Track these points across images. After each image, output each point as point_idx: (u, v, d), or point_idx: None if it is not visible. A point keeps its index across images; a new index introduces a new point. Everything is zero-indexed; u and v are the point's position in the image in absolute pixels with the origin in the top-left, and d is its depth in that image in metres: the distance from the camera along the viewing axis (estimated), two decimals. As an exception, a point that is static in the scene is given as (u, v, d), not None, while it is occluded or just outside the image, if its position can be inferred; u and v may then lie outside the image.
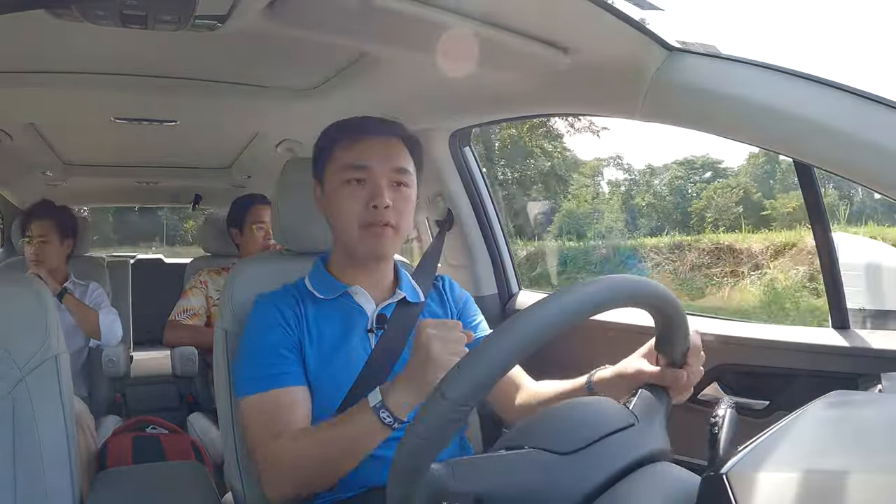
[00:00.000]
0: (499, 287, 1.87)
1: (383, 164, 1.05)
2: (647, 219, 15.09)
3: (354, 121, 1.10)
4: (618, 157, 16.90)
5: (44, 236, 2.18)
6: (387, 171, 1.05)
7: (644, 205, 15.78)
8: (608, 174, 16.57)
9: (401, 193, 1.06)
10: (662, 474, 0.64)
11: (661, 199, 15.89)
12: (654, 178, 16.30)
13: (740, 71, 1.01)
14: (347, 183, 1.04)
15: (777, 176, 14.42)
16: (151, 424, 1.88)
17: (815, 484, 0.51)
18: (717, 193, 14.45)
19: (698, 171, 15.51)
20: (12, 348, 1.03)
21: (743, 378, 1.27)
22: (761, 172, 15.01)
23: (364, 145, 1.05)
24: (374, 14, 0.97)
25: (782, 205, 13.04)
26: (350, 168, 1.05)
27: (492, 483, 0.60)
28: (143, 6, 0.93)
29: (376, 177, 1.04)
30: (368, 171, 1.04)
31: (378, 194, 1.03)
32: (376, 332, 1.07)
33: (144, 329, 3.11)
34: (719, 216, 13.72)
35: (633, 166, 17.05)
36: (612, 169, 16.73)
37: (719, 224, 13.35)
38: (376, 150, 1.05)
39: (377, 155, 1.05)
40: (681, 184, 15.65)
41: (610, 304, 0.65)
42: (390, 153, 1.06)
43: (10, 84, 1.44)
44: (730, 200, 14.09)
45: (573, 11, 0.98)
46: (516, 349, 0.58)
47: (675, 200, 15.32)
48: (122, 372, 2.15)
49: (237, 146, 2.47)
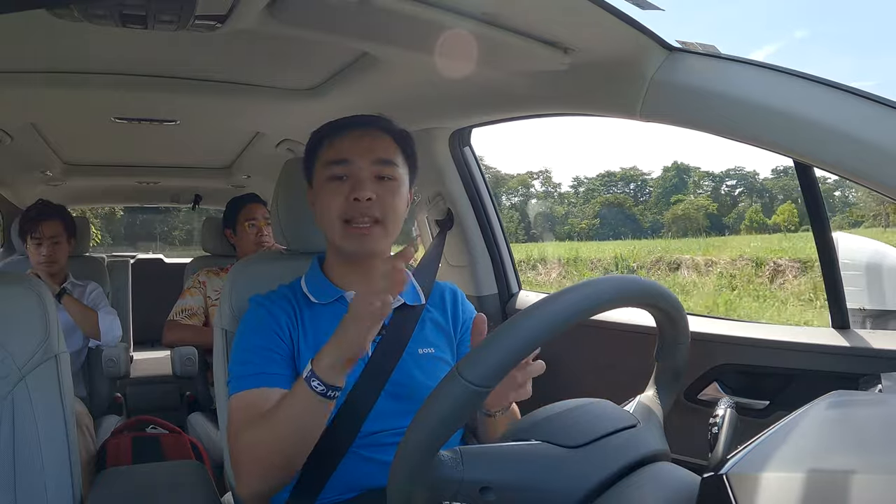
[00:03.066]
0: (499, 287, 1.87)
1: (364, 157, 1.02)
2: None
3: (340, 120, 1.08)
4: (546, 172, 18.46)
5: (56, 237, 2.17)
6: (368, 164, 1.02)
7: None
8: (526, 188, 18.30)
9: (386, 186, 1.02)
10: (663, 474, 0.64)
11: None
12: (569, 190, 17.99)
13: (740, 71, 1.01)
14: (330, 180, 1.02)
15: (683, 188, 15.65)
16: (151, 424, 1.89)
17: (815, 484, 0.51)
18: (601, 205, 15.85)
19: (617, 184, 16.55)
20: (12, 348, 1.03)
21: (743, 378, 1.27)
22: (670, 185, 16.36)
23: (346, 140, 1.03)
24: (374, 14, 0.97)
25: (672, 213, 14.21)
26: (332, 164, 1.03)
27: (499, 472, 0.60)
28: (143, 6, 0.94)
29: (357, 171, 1.01)
30: (350, 166, 1.02)
31: (358, 187, 1.00)
32: (374, 338, 1.05)
33: (144, 329, 3.12)
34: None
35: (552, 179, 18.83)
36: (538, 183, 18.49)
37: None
38: (357, 143, 1.03)
39: (358, 148, 1.02)
40: (594, 195, 16.93)
41: (628, 301, 0.66)
42: (372, 146, 1.03)
43: (10, 84, 1.44)
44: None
45: (573, 11, 0.98)
46: (537, 332, 0.58)
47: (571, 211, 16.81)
48: (122, 372, 2.15)
49: (237, 146, 2.47)
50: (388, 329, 1.05)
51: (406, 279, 0.85)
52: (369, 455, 0.99)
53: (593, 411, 0.69)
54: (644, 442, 0.67)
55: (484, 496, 0.60)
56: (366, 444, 0.99)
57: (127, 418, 2.23)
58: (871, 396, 0.79)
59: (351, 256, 1.05)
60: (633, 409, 0.73)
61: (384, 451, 0.98)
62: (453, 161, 1.81)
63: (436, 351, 1.08)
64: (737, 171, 28.75)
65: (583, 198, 19.99)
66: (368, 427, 0.99)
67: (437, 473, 0.58)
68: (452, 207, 1.82)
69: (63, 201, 2.40)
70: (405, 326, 1.06)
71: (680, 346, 0.78)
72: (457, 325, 1.14)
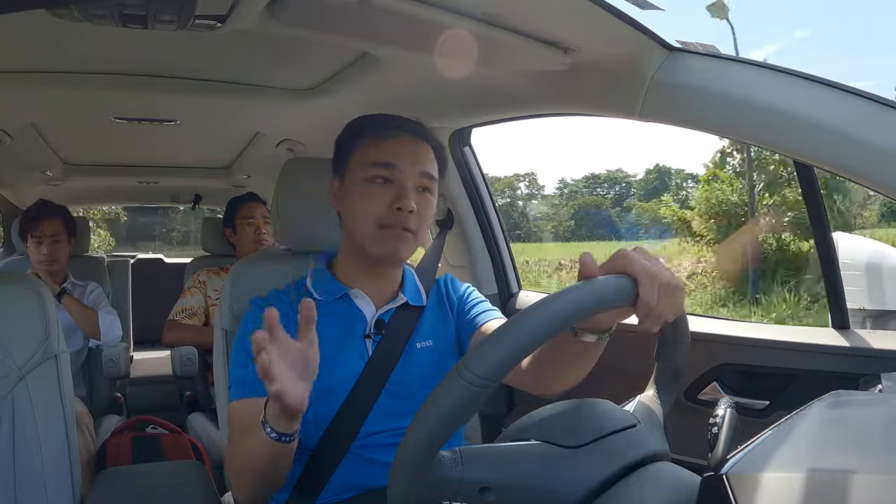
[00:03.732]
0: (499, 287, 1.87)
1: (412, 167, 0.99)
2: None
3: (383, 116, 1.06)
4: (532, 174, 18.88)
5: (56, 235, 2.17)
6: (415, 174, 1.00)
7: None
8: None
9: (425, 199, 1.01)
10: (663, 474, 0.64)
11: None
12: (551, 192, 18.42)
13: (740, 71, 1.01)
14: (371, 181, 0.99)
15: (665, 190, 15.94)
16: (151, 424, 1.89)
17: (814, 484, 0.51)
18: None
19: (602, 185, 16.73)
20: (12, 348, 1.03)
21: (743, 378, 1.27)
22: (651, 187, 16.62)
23: (393, 143, 1.00)
24: (375, 14, 0.97)
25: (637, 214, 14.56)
26: (376, 165, 0.99)
27: (499, 472, 0.61)
28: (143, 6, 0.93)
29: (404, 178, 0.99)
30: (396, 171, 0.99)
31: (404, 196, 0.97)
32: (374, 337, 1.04)
33: (144, 329, 3.12)
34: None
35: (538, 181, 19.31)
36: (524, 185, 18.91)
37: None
38: (406, 150, 1.00)
39: (406, 155, 1.00)
40: (576, 196, 17.24)
41: (628, 300, 0.65)
42: (420, 156, 1.01)
43: (10, 84, 1.44)
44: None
45: (573, 11, 0.98)
46: (539, 331, 0.57)
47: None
48: (122, 372, 2.15)
49: (237, 146, 2.47)
50: (388, 328, 1.05)
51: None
52: (369, 456, 0.99)
53: (593, 411, 0.69)
54: (644, 442, 0.67)
55: (484, 496, 0.60)
56: (366, 445, 0.99)
57: (127, 418, 2.23)
58: (871, 396, 0.79)
59: (378, 260, 1.03)
60: (633, 409, 0.73)
61: (384, 452, 0.98)
62: (453, 161, 1.81)
63: (433, 343, 1.07)
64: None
65: (566, 199, 20.29)
66: (368, 427, 1.00)
67: (437, 473, 0.58)
68: (452, 207, 1.82)
69: (63, 201, 2.40)
70: (405, 325, 1.06)
71: (680, 346, 0.78)
72: (452, 306, 1.13)
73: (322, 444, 1.00)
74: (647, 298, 0.63)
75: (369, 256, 1.02)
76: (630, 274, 0.64)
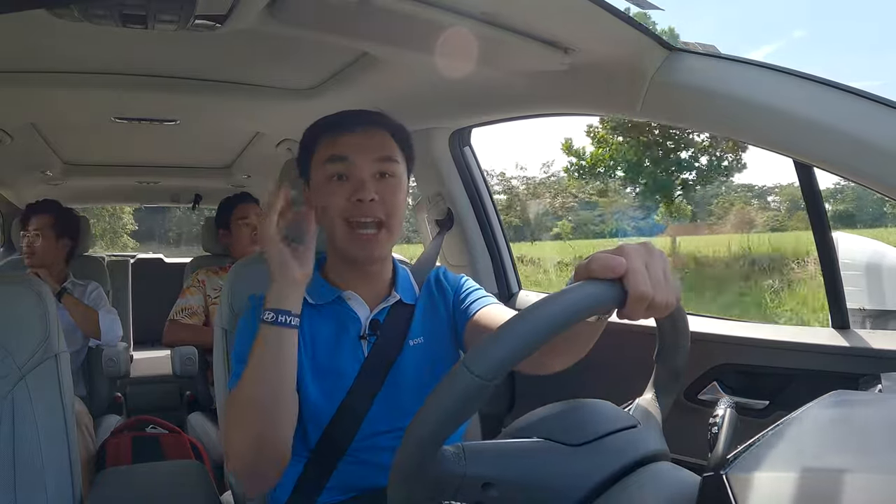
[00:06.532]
0: (499, 287, 1.87)
1: (365, 156, 1.00)
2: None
3: (334, 116, 1.06)
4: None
5: (38, 230, 2.19)
6: (369, 163, 1.00)
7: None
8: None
9: (387, 184, 1.01)
10: (663, 474, 0.64)
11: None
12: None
13: (740, 71, 1.01)
14: (330, 179, 1.00)
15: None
16: (151, 424, 1.89)
17: (814, 484, 0.51)
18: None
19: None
20: (12, 347, 1.04)
21: (743, 378, 1.27)
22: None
23: (346, 138, 1.01)
24: (374, 14, 0.97)
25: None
26: (330, 161, 1.00)
27: (502, 468, 0.60)
28: (143, 6, 0.94)
29: (358, 170, 0.99)
30: (350, 165, 0.99)
31: (360, 188, 0.98)
32: (369, 338, 1.03)
33: (144, 329, 3.12)
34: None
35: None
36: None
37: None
38: (357, 141, 1.01)
39: (358, 146, 1.00)
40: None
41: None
42: (372, 143, 1.01)
43: (10, 84, 1.44)
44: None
45: (573, 11, 0.98)
46: (544, 328, 0.56)
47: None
48: (122, 372, 2.15)
49: (237, 146, 2.47)
50: (383, 328, 1.05)
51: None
52: (367, 458, 0.99)
53: (594, 411, 0.69)
54: (644, 442, 0.67)
55: (486, 492, 0.60)
56: (365, 448, 0.99)
57: (127, 418, 2.23)
58: (871, 396, 0.79)
59: (357, 262, 1.03)
60: (633, 410, 0.73)
61: (383, 455, 0.98)
62: (453, 161, 1.81)
63: (424, 340, 1.06)
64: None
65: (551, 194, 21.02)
66: (367, 428, 0.99)
67: (441, 468, 0.58)
68: (452, 207, 1.82)
69: (63, 201, 2.40)
70: (400, 324, 1.06)
71: (680, 348, 0.77)
72: (445, 297, 1.11)
73: (321, 445, 1.00)
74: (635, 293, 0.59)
75: (349, 258, 1.03)
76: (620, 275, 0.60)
